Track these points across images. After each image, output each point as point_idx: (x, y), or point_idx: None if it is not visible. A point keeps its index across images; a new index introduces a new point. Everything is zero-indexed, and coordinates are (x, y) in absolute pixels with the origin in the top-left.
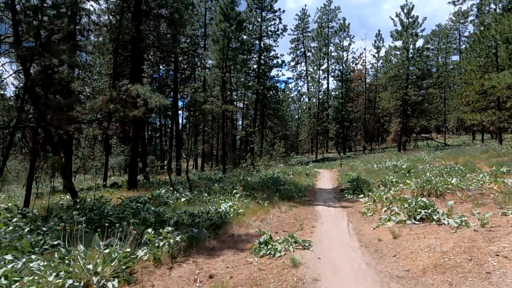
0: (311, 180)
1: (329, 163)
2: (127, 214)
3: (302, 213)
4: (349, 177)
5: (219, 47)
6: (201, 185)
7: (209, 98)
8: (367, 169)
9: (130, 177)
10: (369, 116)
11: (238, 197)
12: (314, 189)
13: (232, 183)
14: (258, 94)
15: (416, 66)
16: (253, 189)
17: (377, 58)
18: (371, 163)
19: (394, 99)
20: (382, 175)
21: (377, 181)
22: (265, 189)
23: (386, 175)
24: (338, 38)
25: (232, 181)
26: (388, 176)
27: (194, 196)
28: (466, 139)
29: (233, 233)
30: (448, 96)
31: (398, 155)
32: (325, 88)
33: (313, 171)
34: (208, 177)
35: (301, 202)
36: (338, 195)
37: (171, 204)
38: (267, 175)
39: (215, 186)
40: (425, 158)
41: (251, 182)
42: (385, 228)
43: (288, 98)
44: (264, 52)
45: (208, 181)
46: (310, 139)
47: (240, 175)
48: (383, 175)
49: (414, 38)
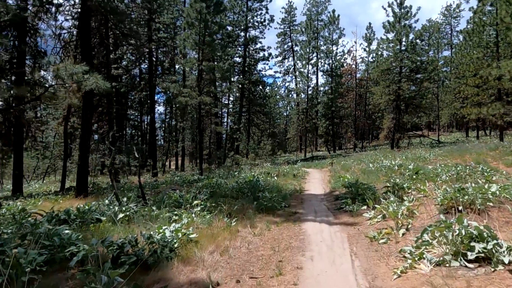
0: (298, 183)
1: (318, 162)
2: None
3: (284, 237)
4: (343, 180)
5: (195, 31)
6: (164, 191)
7: (184, 90)
8: (362, 169)
9: (78, 182)
10: (360, 112)
11: (198, 211)
12: (302, 196)
13: (200, 189)
14: (243, 89)
15: (409, 59)
16: (224, 196)
17: (368, 51)
18: (365, 162)
19: (387, 93)
20: (384, 177)
21: (382, 187)
22: (240, 197)
23: (389, 177)
24: (328, 31)
25: (202, 185)
26: (392, 178)
27: (139, 210)
28: (459, 136)
29: (168, 282)
30: (440, 92)
31: (392, 153)
32: (314, 84)
33: (302, 171)
34: (182, 179)
35: (285, 215)
36: (332, 205)
37: (103, 223)
38: (247, 178)
39: (175, 194)
40: (426, 156)
41: (223, 188)
42: (418, 275)
43: (276, 94)
44: (249, 44)
45: (176, 185)
46: (298, 136)
47: (214, 178)
48: (385, 177)
49: (407, 29)
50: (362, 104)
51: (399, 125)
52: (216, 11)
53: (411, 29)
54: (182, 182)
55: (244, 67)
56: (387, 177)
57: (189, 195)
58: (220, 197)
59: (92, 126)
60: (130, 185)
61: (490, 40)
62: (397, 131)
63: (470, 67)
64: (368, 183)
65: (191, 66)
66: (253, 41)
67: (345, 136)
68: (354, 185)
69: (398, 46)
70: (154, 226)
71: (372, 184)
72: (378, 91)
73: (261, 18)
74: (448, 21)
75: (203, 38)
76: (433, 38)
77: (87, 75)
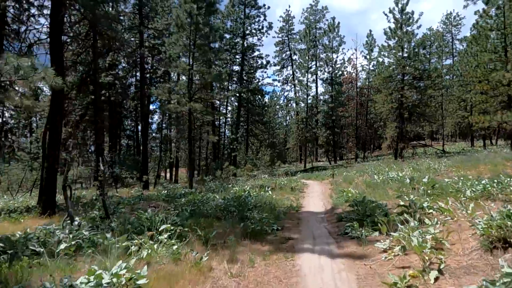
0: (296, 198)
1: (319, 173)
2: None
3: (270, 280)
4: (347, 194)
5: (185, 34)
6: (141, 208)
7: (173, 96)
8: (367, 182)
9: (45, 198)
10: (361, 121)
11: (165, 238)
12: (299, 214)
13: (180, 207)
14: (240, 98)
15: (413, 65)
16: (206, 216)
17: (369, 59)
18: (369, 174)
19: (389, 102)
20: (393, 191)
21: (393, 204)
22: (225, 217)
23: (400, 192)
24: (327, 39)
25: (185, 202)
26: (404, 194)
27: (91, 237)
28: (464, 145)
29: None
30: (444, 100)
31: (397, 164)
32: (313, 92)
33: (300, 184)
34: (169, 193)
35: (276, 242)
36: (334, 227)
37: (42, 258)
38: (237, 193)
39: (146, 213)
40: (435, 167)
41: (207, 206)
42: None
43: (275, 104)
44: (247, 52)
45: (159, 200)
46: (298, 146)
47: (202, 192)
48: (396, 192)
49: (409, 36)
50: (363, 113)
51: (402, 134)
52: (208, 13)
53: (413, 36)
54: (167, 196)
55: (242, 75)
56: (398, 191)
57: (159, 217)
58: (201, 217)
59: (60, 134)
60: (115, 199)
61: (497, 44)
62: (401, 141)
63: (477, 73)
64: (376, 200)
65: (181, 71)
66: (250, 49)
67: (346, 146)
68: (361, 203)
69: (400, 53)
70: (108, 259)
71: (382, 202)
72: (380, 99)
73: (259, 26)
74: (449, 29)
75: (194, 41)
76: (433, 47)
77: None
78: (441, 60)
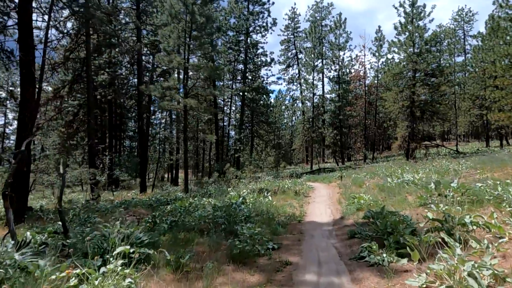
0: (299, 204)
1: (326, 175)
2: None
3: None
4: (359, 201)
5: (181, 27)
6: (120, 216)
7: (166, 92)
8: (380, 186)
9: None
10: (370, 121)
11: (119, 266)
12: (301, 226)
13: (160, 217)
14: (244, 97)
15: (425, 60)
16: (188, 230)
17: (378, 56)
18: (381, 176)
19: (400, 99)
20: (414, 197)
21: (424, 221)
22: (211, 231)
23: (423, 199)
24: (334, 36)
25: (170, 210)
26: (430, 200)
27: (20, 265)
28: (479, 146)
29: None
30: (457, 98)
31: (410, 165)
32: (320, 91)
33: (306, 187)
34: (155, 199)
35: (269, 270)
36: (346, 247)
37: None
38: (232, 198)
39: (109, 228)
40: (455, 169)
41: (193, 216)
42: None
43: (281, 104)
44: (250, 49)
45: (144, 206)
46: (304, 147)
47: (196, 197)
48: (419, 199)
49: (421, 30)
50: (372, 112)
51: (413, 133)
52: (205, 1)
53: (425, 30)
54: (156, 201)
55: (245, 73)
56: (421, 199)
57: (122, 232)
58: (181, 231)
59: (30, 133)
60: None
61: None
62: (412, 140)
63: (495, 67)
64: (396, 211)
65: (176, 65)
66: (254, 46)
67: (354, 147)
68: (379, 214)
69: (411, 48)
70: None
71: (403, 212)
72: (390, 97)
73: (263, 22)
74: (460, 26)
75: (189, 32)
76: (444, 44)
77: None
78: (453, 57)
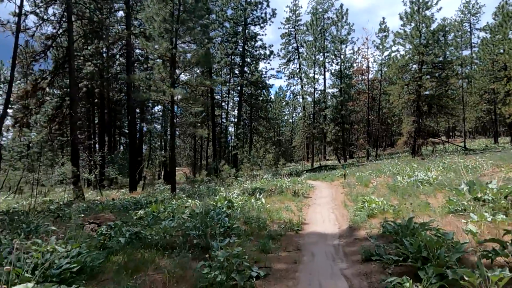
0: (298, 207)
1: (327, 173)
2: None
3: None
4: (369, 205)
5: (169, 10)
6: (83, 223)
7: (152, 81)
8: (389, 185)
9: None
10: (373, 116)
11: None
12: (299, 239)
13: (117, 229)
14: (242, 91)
15: (432, 53)
16: (151, 246)
17: (382, 49)
18: (387, 174)
19: (406, 93)
20: (436, 199)
21: (476, 244)
22: (181, 248)
23: (455, 205)
24: (335, 28)
25: (143, 214)
26: (460, 207)
27: None
28: (487, 142)
29: None
30: (464, 93)
31: (417, 162)
32: (321, 86)
33: (306, 186)
34: (143, 198)
35: None
36: (360, 276)
37: None
38: (218, 201)
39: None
40: (475, 166)
41: (162, 226)
42: None
43: (281, 100)
44: (249, 41)
45: (107, 211)
46: (305, 144)
47: (180, 199)
48: (447, 204)
49: (428, 20)
50: (375, 108)
51: (420, 129)
52: None
53: (432, 20)
54: (134, 203)
55: (243, 66)
56: (452, 204)
57: (39, 259)
58: (143, 247)
59: None
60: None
61: None
62: (419, 136)
63: (505, 58)
64: (426, 223)
65: (163, 52)
66: (253, 38)
67: (356, 144)
68: (405, 229)
69: (418, 39)
70: None
71: (441, 227)
72: (395, 91)
73: (261, 13)
74: (467, 18)
75: (177, 16)
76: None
77: None
78: (460, 50)
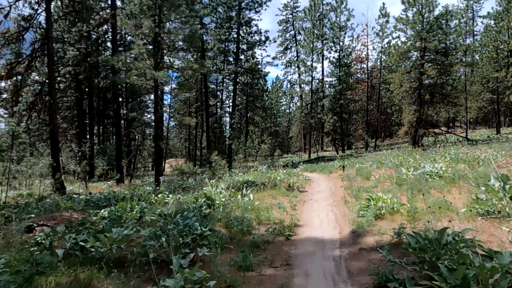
0: (292, 204)
1: (325, 165)
2: None
3: None
4: (376, 204)
5: None
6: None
7: (135, 64)
8: (393, 178)
9: None
10: (372, 106)
11: None
12: (290, 247)
13: (56, 237)
14: (236, 79)
15: (435, 39)
16: (91, 262)
17: (382, 36)
18: (389, 165)
19: (407, 81)
20: (461, 199)
21: None
22: (132, 263)
23: (485, 206)
24: (334, 14)
25: (106, 215)
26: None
27: None
28: (488, 133)
29: None
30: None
31: (419, 153)
32: (319, 75)
33: (302, 179)
34: (121, 193)
35: None
36: None
37: None
38: (199, 197)
39: None
40: (489, 158)
41: (119, 232)
42: None
43: (277, 90)
44: (243, 26)
45: (69, 210)
46: (302, 135)
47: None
48: (476, 204)
49: (431, 4)
50: (374, 97)
51: (421, 118)
52: None
53: (435, 5)
54: (109, 199)
55: (238, 53)
56: (480, 204)
57: None
58: (85, 264)
59: None
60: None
61: None
62: (420, 126)
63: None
64: (459, 232)
65: (146, 32)
66: (247, 23)
67: (355, 134)
68: (436, 244)
69: (420, 25)
70: None
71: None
72: (396, 79)
73: None
74: (469, 5)
75: None
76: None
77: None
78: (464, 36)
